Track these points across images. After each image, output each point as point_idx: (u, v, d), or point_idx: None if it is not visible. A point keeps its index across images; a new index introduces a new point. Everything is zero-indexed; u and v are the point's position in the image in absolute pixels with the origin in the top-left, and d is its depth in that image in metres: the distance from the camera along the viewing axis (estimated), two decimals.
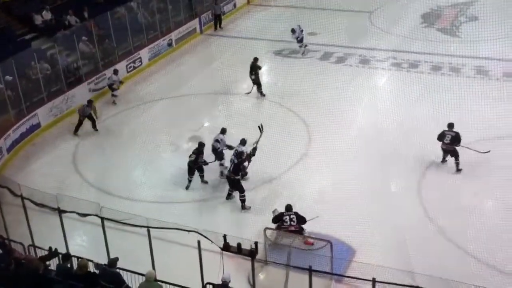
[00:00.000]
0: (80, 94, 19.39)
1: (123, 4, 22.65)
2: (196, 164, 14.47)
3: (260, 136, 14.79)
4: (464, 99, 16.80)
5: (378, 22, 25.45)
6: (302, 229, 12.16)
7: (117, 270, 9.78)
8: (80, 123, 17.79)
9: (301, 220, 12.14)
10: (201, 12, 26.27)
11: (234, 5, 28.57)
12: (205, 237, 9.63)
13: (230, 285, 9.42)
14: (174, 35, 24.26)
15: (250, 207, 13.68)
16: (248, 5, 29.67)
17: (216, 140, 15.03)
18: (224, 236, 9.47)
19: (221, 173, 15.02)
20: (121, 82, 19.87)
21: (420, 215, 13.14)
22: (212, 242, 9.57)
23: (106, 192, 14.68)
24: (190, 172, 14.48)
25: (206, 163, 14.65)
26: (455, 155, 14.51)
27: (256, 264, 9.75)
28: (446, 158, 14.81)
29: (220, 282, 9.44)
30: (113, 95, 19.69)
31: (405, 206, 13.39)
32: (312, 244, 11.57)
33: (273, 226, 12.18)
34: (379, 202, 13.42)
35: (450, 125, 14.67)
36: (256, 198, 14.06)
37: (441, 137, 14.61)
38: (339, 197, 13.71)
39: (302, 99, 18.48)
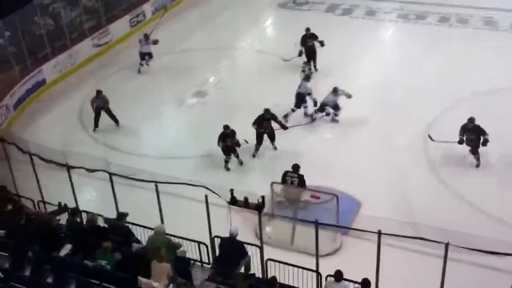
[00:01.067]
0: (84, 49, 19.23)
1: None
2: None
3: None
4: (471, 50, 16.65)
5: None
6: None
7: (126, 224, 9.95)
8: (97, 116, 15.52)
9: (302, 185, 11.88)
10: None
11: None
12: (212, 191, 9.69)
13: (237, 238, 9.57)
14: None
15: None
16: None
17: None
18: (231, 191, 9.54)
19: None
20: (155, 42, 18.43)
21: (426, 170, 13.19)
22: (219, 196, 9.64)
23: (113, 148, 14.74)
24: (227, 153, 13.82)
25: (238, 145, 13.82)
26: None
27: (263, 218, 9.84)
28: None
29: (228, 236, 9.58)
30: (142, 64, 18.52)
31: (410, 161, 13.43)
32: (319, 198, 11.63)
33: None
34: (386, 157, 13.48)
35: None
36: (265, 155, 14.11)
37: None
38: (346, 152, 13.78)
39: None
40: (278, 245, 10.85)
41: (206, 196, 9.68)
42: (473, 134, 12.80)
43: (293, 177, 11.91)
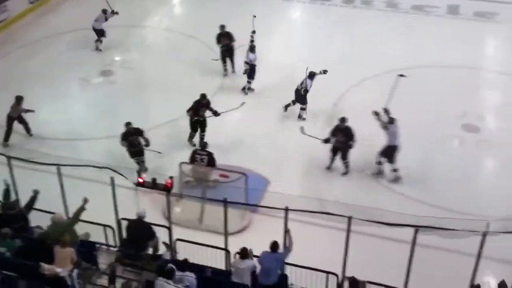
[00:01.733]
0: None
1: None
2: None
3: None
4: (374, 32, 17.22)
5: None
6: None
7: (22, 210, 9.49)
8: (9, 129, 13.63)
9: (212, 163, 11.92)
10: None
11: None
12: (118, 173, 9.48)
13: (145, 220, 9.43)
14: None
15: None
16: None
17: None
18: (138, 172, 9.38)
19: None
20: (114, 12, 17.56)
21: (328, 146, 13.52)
22: (126, 178, 9.46)
23: (15, 131, 13.94)
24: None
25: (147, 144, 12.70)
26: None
27: (171, 199, 9.76)
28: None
29: (135, 218, 9.43)
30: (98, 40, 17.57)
31: (311, 139, 13.67)
32: (228, 177, 11.69)
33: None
34: (293, 135, 13.67)
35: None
36: (175, 130, 13.91)
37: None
38: (254, 130, 13.91)
39: (212, 30, 18.11)
40: (187, 225, 10.81)
41: (112, 178, 9.44)
42: (343, 136, 12.32)
43: (202, 155, 11.88)
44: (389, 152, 12.25)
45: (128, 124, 12.41)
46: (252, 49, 15.29)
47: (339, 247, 9.01)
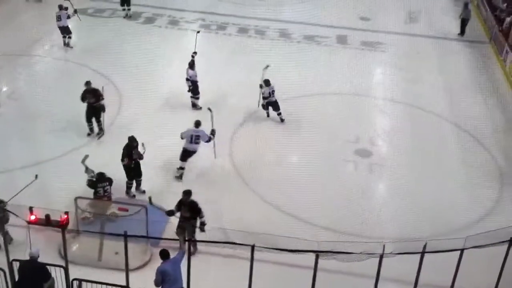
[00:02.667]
0: None
1: None
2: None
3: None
4: (269, 60, 17.60)
5: None
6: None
7: None
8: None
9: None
10: None
11: None
12: (7, 211, 8.92)
13: (40, 260, 8.88)
14: None
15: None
16: None
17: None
18: (30, 208, 8.82)
19: None
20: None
21: (230, 169, 13.59)
22: (17, 216, 8.89)
23: None
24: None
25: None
26: None
27: (67, 235, 9.29)
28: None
29: (28, 258, 8.85)
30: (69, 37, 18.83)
31: (217, 162, 13.71)
32: (127, 210, 11.33)
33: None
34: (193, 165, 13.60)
35: None
36: (68, 165, 13.25)
37: None
38: (151, 162, 13.64)
39: (110, 60, 17.77)
40: (86, 263, 10.31)
41: None
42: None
43: (105, 186, 11.56)
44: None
45: None
46: (191, 66, 15.61)
47: (244, 276, 8.98)
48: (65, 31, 18.96)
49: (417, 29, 22.12)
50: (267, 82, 15.42)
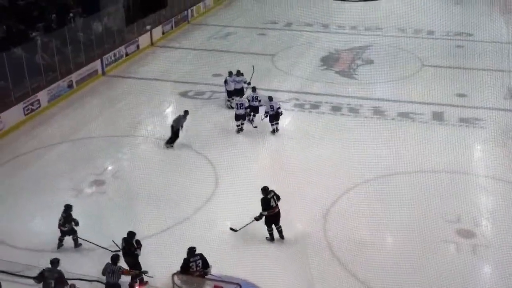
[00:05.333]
0: None
1: (20, 45, 21.77)
2: None
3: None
4: (362, 138, 17.55)
5: (280, 64, 26.24)
6: (207, 272, 11.91)
7: None
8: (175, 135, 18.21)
9: (206, 264, 11.82)
10: (102, 53, 25.80)
11: (138, 47, 28.38)
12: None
13: None
14: (74, 76, 23.60)
15: None
16: (151, 46, 29.59)
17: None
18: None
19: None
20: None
21: (326, 253, 13.36)
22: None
23: (1, 241, 13.71)
24: None
25: None
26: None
27: None
28: None
29: None
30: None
31: (311, 243, 13.56)
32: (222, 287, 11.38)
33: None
34: (286, 241, 13.54)
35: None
36: (167, 241, 13.67)
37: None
38: (247, 238, 13.72)
39: (207, 140, 18.47)
40: None
41: None
42: None
43: (197, 260, 11.71)
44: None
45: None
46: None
47: None
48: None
49: None
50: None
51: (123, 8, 27.07)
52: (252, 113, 19.87)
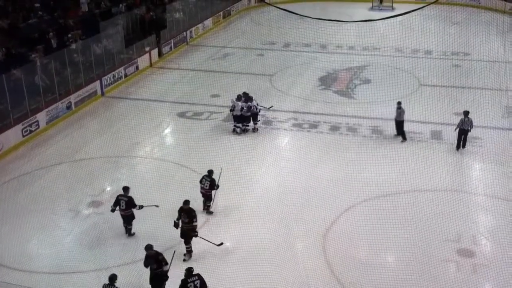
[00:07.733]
0: None
1: (20, 67, 21.86)
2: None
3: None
4: (361, 157, 17.52)
5: (279, 84, 26.35)
6: None
7: None
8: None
9: (204, 284, 11.79)
10: (102, 74, 25.92)
11: (137, 68, 28.51)
12: None
13: None
14: (73, 97, 23.67)
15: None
16: (150, 67, 29.73)
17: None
18: None
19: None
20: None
21: (326, 274, 13.26)
22: None
23: None
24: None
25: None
26: None
27: None
28: None
29: None
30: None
31: (309, 264, 13.47)
32: None
33: None
34: (282, 261, 13.47)
35: None
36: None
37: None
38: (242, 256, 13.65)
39: (205, 159, 18.41)
40: None
41: None
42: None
43: (195, 280, 11.71)
44: None
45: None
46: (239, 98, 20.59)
47: None
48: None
49: None
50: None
51: (122, 30, 27.31)
52: (244, 123, 20.98)
